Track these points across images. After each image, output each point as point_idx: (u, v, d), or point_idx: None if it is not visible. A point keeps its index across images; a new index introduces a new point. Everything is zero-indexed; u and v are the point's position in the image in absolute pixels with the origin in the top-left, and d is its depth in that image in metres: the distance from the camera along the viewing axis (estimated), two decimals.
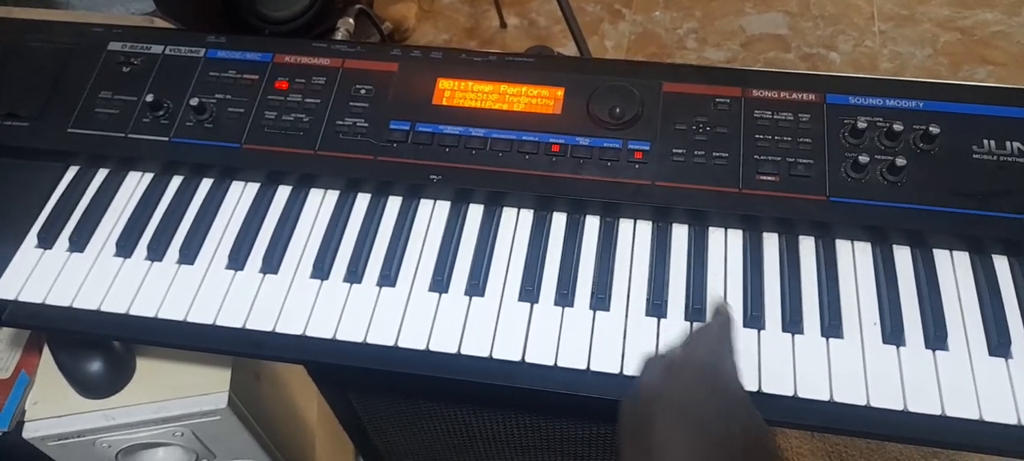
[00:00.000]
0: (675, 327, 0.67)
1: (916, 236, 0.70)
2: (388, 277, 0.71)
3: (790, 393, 0.63)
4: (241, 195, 0.79)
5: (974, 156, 0.70)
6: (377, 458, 1.10)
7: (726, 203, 0.71)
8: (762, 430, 0.53)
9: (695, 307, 0.68)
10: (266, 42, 0.85)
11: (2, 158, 0.82)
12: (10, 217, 0.78)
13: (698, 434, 0.50)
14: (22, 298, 0.73)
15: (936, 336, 0.65)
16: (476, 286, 0.70)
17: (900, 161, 0.69)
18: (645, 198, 0.72)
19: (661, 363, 0.56)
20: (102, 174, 0.81)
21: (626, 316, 0.68)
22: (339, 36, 1.13)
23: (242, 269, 0.73)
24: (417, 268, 0.72)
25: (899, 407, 0.62)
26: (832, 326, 0.66)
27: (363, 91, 0.79)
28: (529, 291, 0.70)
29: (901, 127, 0.71)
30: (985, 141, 0.71)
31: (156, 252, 0.75)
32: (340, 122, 0.78)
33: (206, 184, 0.80)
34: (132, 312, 0.71)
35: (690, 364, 0.54)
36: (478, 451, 1.02)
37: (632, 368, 0.65)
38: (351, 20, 1.13)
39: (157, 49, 0.84)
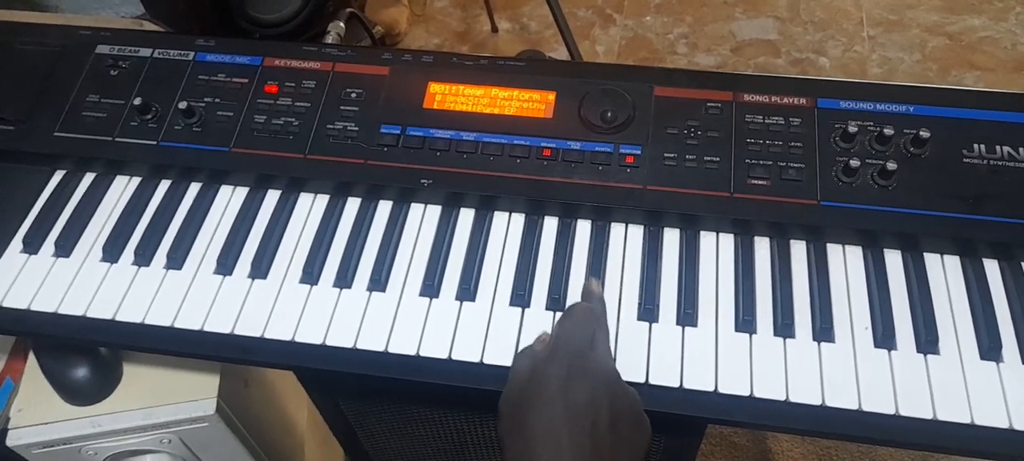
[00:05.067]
0: (667, 331, 0.67)
1: (907, 240, 0.70)
2: (378, 282, 0.71)
3: (782, 397, 0.63)
4: (230, 199, 0.78)
5: (965, 160, 0.70)
6: None
7: (717, 207, 0.71)
8: (632, 407, 0.55)
9: (686, 312, 0.67)
10: (256, 45, 0.84)
11: None
12: None
13: (570, 422, 0.51)
14: (7, 303, 0.72)
15: (927, 340, 0.65)
16: (467, 291, 0.70)
17: (891, 165, 0.69)
18: (637, 202, 0.72)
19: (528, 357, 0.58)
20: (89, 178, 0.80)
21: (618, 320, 0.68)
22: (330, 40, 1.13)
23: (230, 274, 0.73)
24: (408, 273, 0.72)
25: (891, 411, 0.62)
26: (823, 330, 0.66)
27: (353, 95, 0.79)
28: (520, 296, 0.69)
29: (892, 131, 0.71)
30: (975, 145, 0.71)
31: (143, 257, 0.74)
32: (330, 126, 0.77)
33: (194, 188, 0.79)
34: (119, 318, 0.70)
35: (557, 354, 0.56)
36: (469, 456, 1.02)
37: (625, 373, 0.64)
38: (342, 24, 1.12)
39: (145, 52, 0.83)
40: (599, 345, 0.58)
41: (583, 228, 0.74)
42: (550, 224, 0.74)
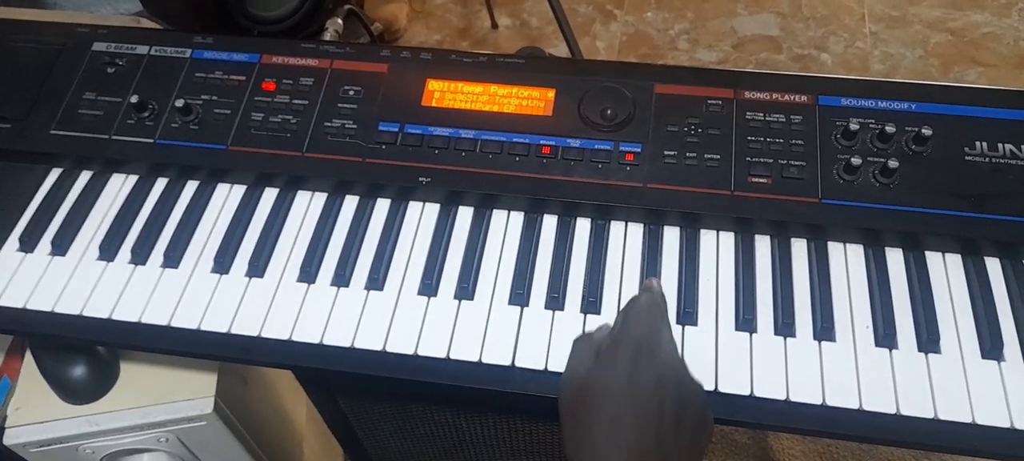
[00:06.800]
0: None
1: (909, 238, 0.70)
2: (376, 281, 0.70)
3: (782, 397, 0.62)
4: (227, 198, 0.78)
5: (966, 158, 0.70)
6: None
7: (718, 205, 0.70)
8: (698, 398, 0.54)
9: (686, 311, 0.67)
10: (253, 43, 0.84)
11: None
12: None
13: (636, 405, 0.50)
14: (3, 302, 0.71)
15: (928, 339, 0.64)
16: (466, 290, 0.69)
17: (892, 163, 0.68)
18: (637, 200, 0.71)
19: (591, 343, 0.57)
20: (85, 176, 0.80)
21: None
22: (328, 37, 1.12)
23: (228, 273, 0.72)
24: (406, 272, 0.72)
25: (892, 410, 0.61)
26: (824, 329, 0.65)
27: (351, 92, 0.78)
28: (519, 295, 0.69)
29: (893, 129, 0.70)
30: (977, 143, 0.70)
31: (140, 256, 0.73)
32: (328, 123, 0.77)
33: (191, 186, 0.78)
34: (115, 317, 0.70)
35: (622, 340, 0.54)
36: (468, 454, 1.01)
37: None
38: (340, 20, 1.12)
39: (142, 50, 0.83)
40: (664, 335, 0.56)
41: (583, 227, 0.73)
42: (549, 222, 0.74)
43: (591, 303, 0.68)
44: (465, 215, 0.75)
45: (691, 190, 0.71)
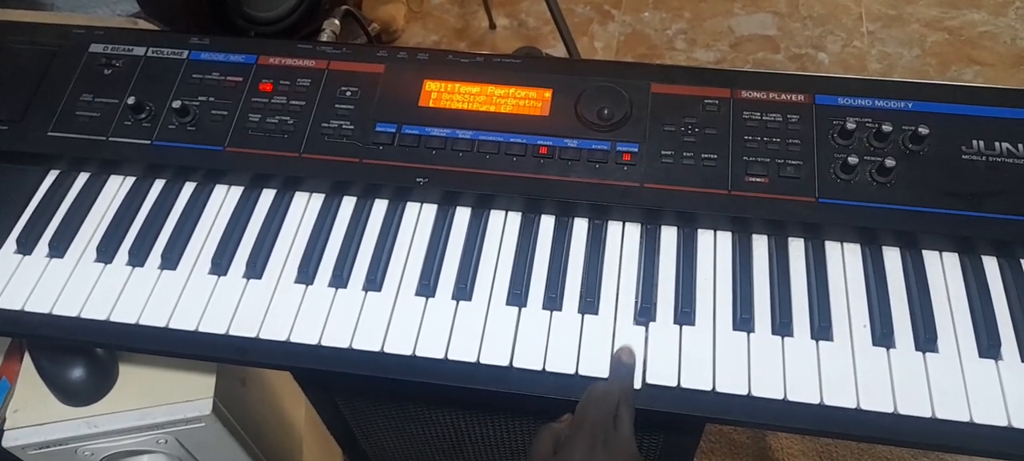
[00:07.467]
0: (664, 330, 0.67)
1: (906, 237, 0.70)
2: (374, 282, 0.70)
3: (780, 396, 0.62)
4: (224, 199, 0.78)
5: (963, 157, 0.70)
6: None
7: (715, 205, 0.70)
8: None
9: (684, 310, 0.67)
10: (250, 43, 0.84)
11: None
12: None
13: None
14: (1, 304, 0.71)
15: (926, 338, 0.64)
16: (463, 290, 0.69)
17: (889, 162, 0.69)
18: (634, 200, 0.71)
19: (551, 433, 0.59)
20: (83, 178, 0.80)
21: (615, 320, 0.68)
22: (325, 37, 1.12)
23: (225, 274, 0.72)
24: (403, 272, 0.72)
25: (889, 409, 0.61)
26: (822, 328, 0.65)
27: (349, 93, 0.78)
28: (517, 295, 0.69)
29: (890, 128, 0.70)
30: (974, 142, 0.71)
31: (137, 257, 0.73)
32: (325, 124, 0.77)
33: (189, 188, 0.78)
34: (113, 319, 0.70)
35: (581, 429, 0.57)
36: (466, 455, 1.01)
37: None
38: (337, 21, 1.11)
39: (139, 51, 0.83)
40: (622, 422, 0.59)
41: (580, 227, 0.73)
42: (547, 223, 0.74)
43: (589, 303, 0.68)
44: (462, 215, 0.75)
45: (688, 190, 0.71)
